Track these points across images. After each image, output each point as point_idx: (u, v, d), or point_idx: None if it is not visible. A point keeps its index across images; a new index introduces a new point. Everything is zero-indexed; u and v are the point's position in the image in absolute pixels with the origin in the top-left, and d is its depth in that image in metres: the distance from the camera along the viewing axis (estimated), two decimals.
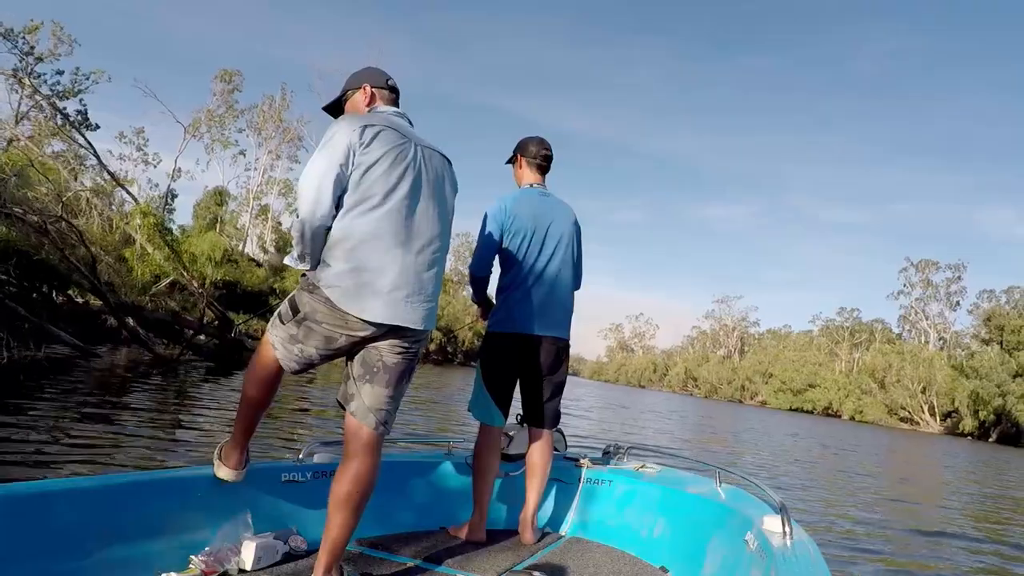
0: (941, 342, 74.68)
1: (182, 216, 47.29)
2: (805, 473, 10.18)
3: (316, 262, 1.83)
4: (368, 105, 2.02)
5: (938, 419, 60.72)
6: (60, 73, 33.44)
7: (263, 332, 1.99)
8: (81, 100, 34.29)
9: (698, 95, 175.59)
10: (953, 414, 58.72)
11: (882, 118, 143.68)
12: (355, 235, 1.78)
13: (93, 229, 9.51)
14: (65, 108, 33.90)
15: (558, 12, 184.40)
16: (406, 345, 1.89)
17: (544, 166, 2.82)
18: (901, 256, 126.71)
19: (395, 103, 2.05)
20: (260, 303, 33.44)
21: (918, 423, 61.67)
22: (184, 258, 10.62)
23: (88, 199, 9.77)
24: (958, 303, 75.15)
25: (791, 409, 72.02)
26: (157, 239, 9.31)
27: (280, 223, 47.34)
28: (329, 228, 1.80)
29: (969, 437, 53.36)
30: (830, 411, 69.66)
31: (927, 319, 76.91)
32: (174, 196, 42.85)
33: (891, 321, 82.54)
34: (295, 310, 1.84)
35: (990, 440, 51.70)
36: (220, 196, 37.57)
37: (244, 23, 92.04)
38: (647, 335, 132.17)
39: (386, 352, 1.87)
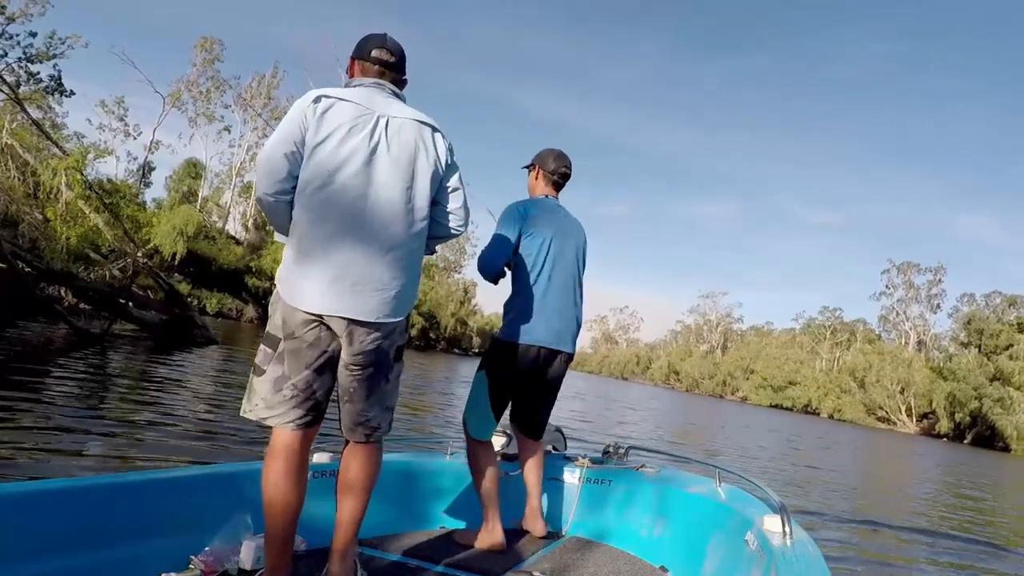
0: (919, 344, 75.44)
1: (158, 190, 46.02)
2: (790, 471, 10.00)
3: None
4: (351, 76, 1.90)
5: (914, 420, 61.42)
6: (33, 35, 32.12)
7: (237, 311, 1.53)
8: (55, 65, 33.02)
9: (686, 92, 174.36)
10: (929, 415, 59.40)
11: (867, 121, 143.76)
12: (301, 221, 1.68)
13: (12, 184, 8.65)
14: (38, 72, 32.68)
15: (550, 3, 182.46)
16: (373, 345, 1.73)
17: (560, 183, 2.80)
18: (883, 258, 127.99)
19: (381, 74, 1.86)
20: (236, 281, 32.63)
21: (895, 423, 62.35)
22: (126, 224, 9.80)
23: (3, 148, 8.78)
24: (938, 306, 76.05)
25: (771, 406, 72.54)
26: (95, 200, 8.51)
27: None
28: (287, 203, 1.73)
29: (944, 438, 54.02)
30: (809, 409, 70.23)
31: (908, 320, 77.67)
32: (151, 169, 41.73)
33: (872, 321, 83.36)
34: (269, 338, 1.73)
35: (965, 442, 52.33)
36: (195, 168, 36.44)
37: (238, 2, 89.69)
38: (631, 328, 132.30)
39: (356, 363, 1.74)
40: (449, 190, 1.89)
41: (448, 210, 1.89)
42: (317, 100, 1.70)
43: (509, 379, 2.57)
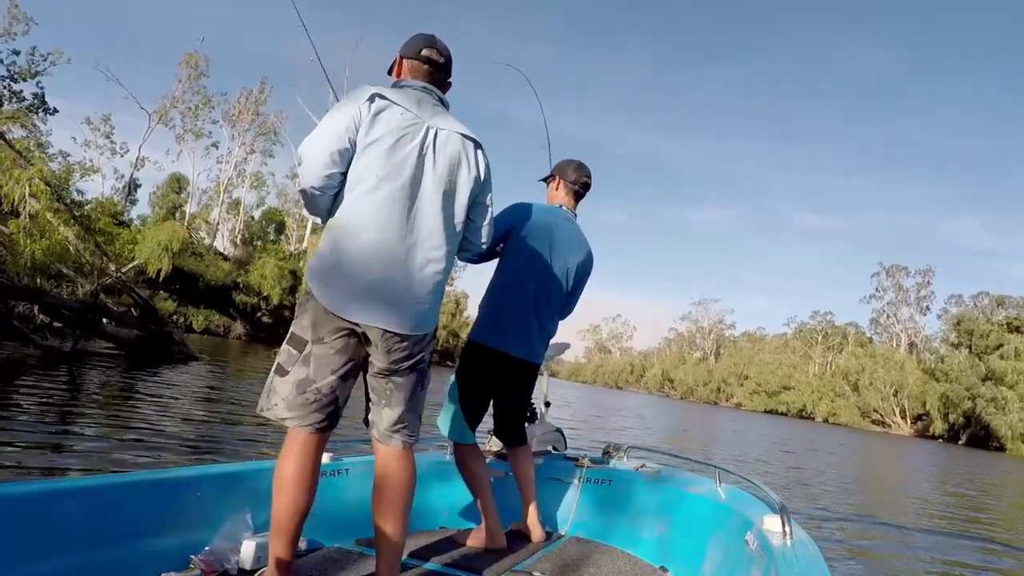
0: (911, 346, 75.75)
1: (144, 207, 45.71)
2: (787, 474, 9.87)
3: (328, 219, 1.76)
4: (397, 76, 1.89)
5: (909, 422, 61.50)
6: (16, 53, 31.86)
7: (225, 328, 1.38)
8: (38, 83, 32.73)
9: (681, 99, 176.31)
10: (923, 417, 59.51)
11: (861, 124, 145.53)
12: (342, 222, 1.67)
13: None
14: (21, 91, 32.36)
15: (546, 11, 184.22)
16: (405, 353, 1.74)
17: (581, 193, 2.81)
18: (873, 261, 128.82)
19: (430, 75, 1.87)
20: (223, 297, 32.26)
21: (889, 426, 62.40)
22: (98, 238, 9.53)
23: None
24: (928, 308, 76.50)
25: (766, 411, 72.52)
26: (64, 213, 8.26)
27: (253, 217, 46.17)
28: (333, 195, 1.70)
29: (939, 440, 54.10)
30: (804, 413, 70.20)
31: (898, 323, 78.03)
32: (137, 186, 41.36)
33: (864, 325, 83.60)
34: (296, 339, 1.70)
35: (959, 443, 52.39)
36: (178, 183, 35.99)
37: (227, 14, 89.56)
38: (625, 336, 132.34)
39: (391, 370, 1.75)
40: (481, 207, 1.91)
41: (477, 225, 1.93)
42: (372, 99, 1.68)
43: (475, 381, 2.55)
